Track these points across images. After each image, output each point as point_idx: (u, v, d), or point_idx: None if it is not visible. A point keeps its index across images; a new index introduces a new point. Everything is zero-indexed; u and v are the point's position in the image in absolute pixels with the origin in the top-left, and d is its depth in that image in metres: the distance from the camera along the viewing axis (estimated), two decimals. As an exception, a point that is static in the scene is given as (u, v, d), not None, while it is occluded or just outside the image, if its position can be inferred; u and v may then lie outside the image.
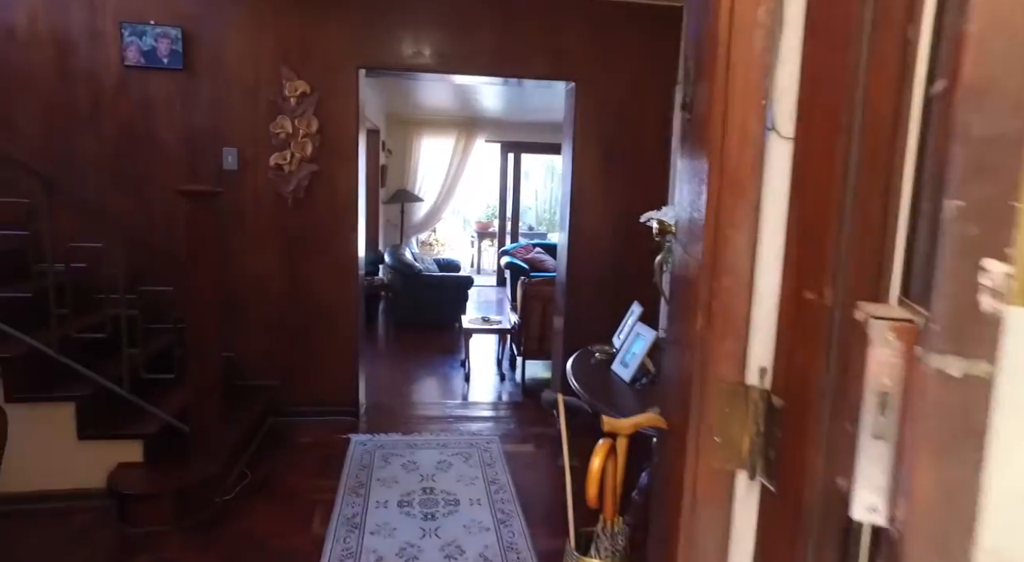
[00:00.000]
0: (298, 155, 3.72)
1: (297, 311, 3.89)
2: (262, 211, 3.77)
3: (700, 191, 0.80)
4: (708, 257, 0.74)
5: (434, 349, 6.26)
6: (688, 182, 1.12)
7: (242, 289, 3.82)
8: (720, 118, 0.71)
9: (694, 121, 1.03)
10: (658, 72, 3.95)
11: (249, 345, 3.88)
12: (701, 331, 0.76)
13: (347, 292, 3.92)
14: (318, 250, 3.84)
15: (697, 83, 1.01)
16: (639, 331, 2.62)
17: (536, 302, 5.07)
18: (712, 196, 0.72)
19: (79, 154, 3.59)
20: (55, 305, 2.81)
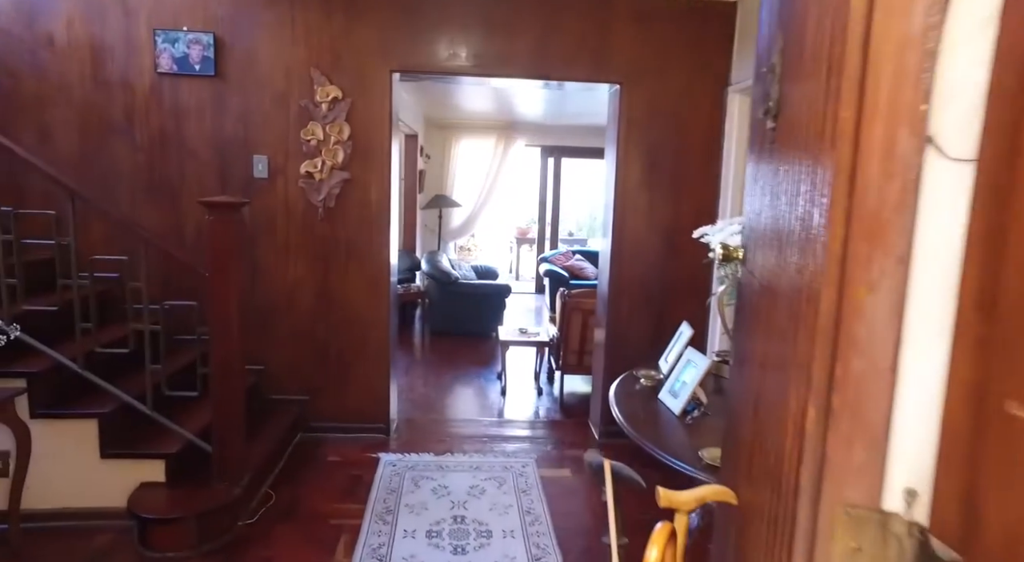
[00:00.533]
0: (329, 163, 3.59)
1: (327, 323, 3.76)
2: (292, 220, 3.65)
3: (807, 229, 0.58)
4: (826, 326, 0.52)
5: (470, 360, 6.08)
6: (772, 207, 0.89)
7: (271, 300, 3.71)
8: (849, 130, 0.49)
9: (788, 131, 0.80)
10: (708, 74, 3.69)
11: (279, 358, 3.77)
12: (812, 427, 0.53)
13: (379, 303, 3.77)
14: (349, 260, 3.71)
15: (792, 82, 0.78)
16: (690, 357, 2.37)
17: (576, 315, 4.84)
18: (834, 242, 0.51)
19: (112, 163, 3.54)
20: (80, 319, 2.72)
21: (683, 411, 2.25)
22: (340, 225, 3.68)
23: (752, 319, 1.04)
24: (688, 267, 3.84)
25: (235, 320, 2.74)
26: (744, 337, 1.12)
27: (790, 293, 0.68)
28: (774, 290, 0.81)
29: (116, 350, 2.78)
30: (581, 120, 8.43)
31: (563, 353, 4.95)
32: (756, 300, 1.01)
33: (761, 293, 0.97)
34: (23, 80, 3.47)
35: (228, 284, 2.71)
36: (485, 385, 5.33)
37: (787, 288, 0.70)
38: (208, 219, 2.67)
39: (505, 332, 5.40)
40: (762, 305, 0.94)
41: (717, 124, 3.72)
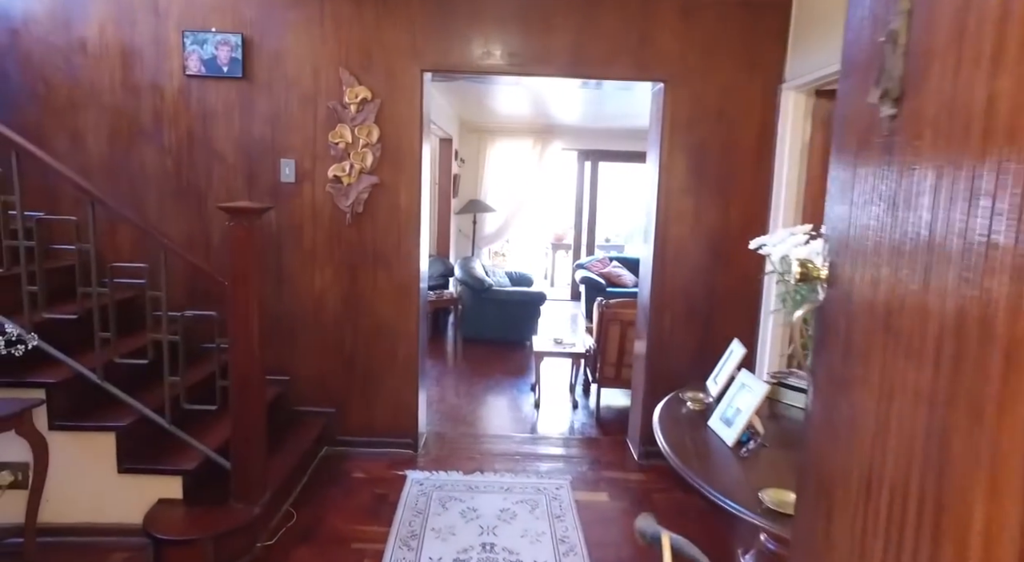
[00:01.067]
0: (357, 166, 3.46)
1: (355, 333, 3.63)
2: (319, 226, 3.53)
3: (973, 242, 0.39)
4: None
5: (503, 369, 5.90)
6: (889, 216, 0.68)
7: (297, 309, 3.60)
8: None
9: (922, 119, 0.59)
10: (759, 71, 3.44)
11: (305, 368, 3.65)
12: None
13: (408, 313, 3.62)
14: (378, 267, 3.57)
15: (932, 53, 0.57)
16: (744, 381, 2.14)
17: (614, 326, 4.61)
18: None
19: (141, 167, 3.48)
20: (99, 328, 2.64)
21: (737, 442, 2.02)
22: (368, 231, 3.54)
23: (853, 344, 0.83)
24: (736, 278, 3.58)
25: (256, 331, 2.62)
26: (839, 364, 0.91)
27: (939, 316, 0.49)
28: (898, 312, 0.61)
29: (135, 361, 2.68)
30: (619, 123, 8.19)
31: (600, 365, 4.73)
32: (859, 323, 0.80)
33: (871, 316, 0.76)
34: (56, 87, 3.43)
35: (248, 293, 2.59)
36: (518, 396, 5.14)
37: (934, 310, 0.51)
38: (228, 225, 2.55)
39: (540, 342, 5.21)
40: (874, 329, 0.74)
41: (769, 124, 3.46)
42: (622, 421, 4.53)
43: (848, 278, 0.92)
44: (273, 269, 3.55)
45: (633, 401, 4.07)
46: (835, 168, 1.00)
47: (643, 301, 3.88)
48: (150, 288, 2.65)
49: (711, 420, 2.19)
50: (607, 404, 4.95)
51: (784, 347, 3.44)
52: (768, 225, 3.50)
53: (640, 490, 3.39)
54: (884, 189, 0.69)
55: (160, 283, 2.66)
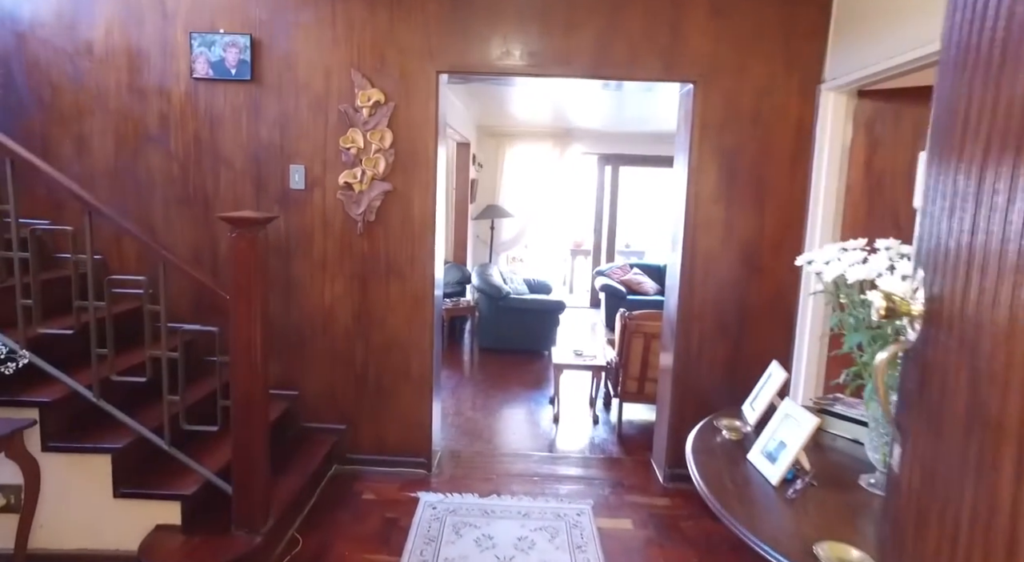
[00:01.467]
0: (369, 172, 3.30)
1: (366, 346, 3.46)
2: (330, 235, 3.38)
3: None
4: None
5: (521, 381, 5.71)
6: None
7: (307, 321, 3.44)
8: None
9: None
10: (796, 70, 3.22)
11: (314, 383, 3.50)
12: None
13: (422, 325, 3.44)
14: (390, 278, 3.40)
15: None
16: (789, 411, 1.92)
17: (637, 338, 4.40)
18: None
19: (147, 173, 3.36)
20: (96, 343, 2.50)
21: (782, 480, 1.81)
22: (380, 240, 3.38)
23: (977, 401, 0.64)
24: (769, 292, 3.36)
25: (259, 348, 2.46)
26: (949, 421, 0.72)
27: None
28: None
29: (132, 378, 2.54)
30: (641, 127, 7.98)
31: (622, 379, 4.52)
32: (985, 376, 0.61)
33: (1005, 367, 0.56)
34: (62, 91, 3.33)
35: (252, 308, 2.43)
36: (536, 410, 4.94)
37: None
38: (231, 236, 2.40)
39: (559, 353, 5.01)
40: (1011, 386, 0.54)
41: (806, 127, 3.23)
42: (645, 438, 4.32)
43: (961, 315, 0.72)
44: (282, 280, 3.41)
45: (658, 418, 3.85)
46: (937, 176, 0.80)
47: (670, 313, 3.66)
48: (150, 302, 2.50)
49: (751, 453, 1.98)
50: (629, 419, 4.74)
51: (821, 367, 3.21)
52: (804, 235, 3.28)
53: (666, 517, 3.18)
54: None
55: (161, 296, 2.51)
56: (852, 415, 2.13)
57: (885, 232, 2.71)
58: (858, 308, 1.67)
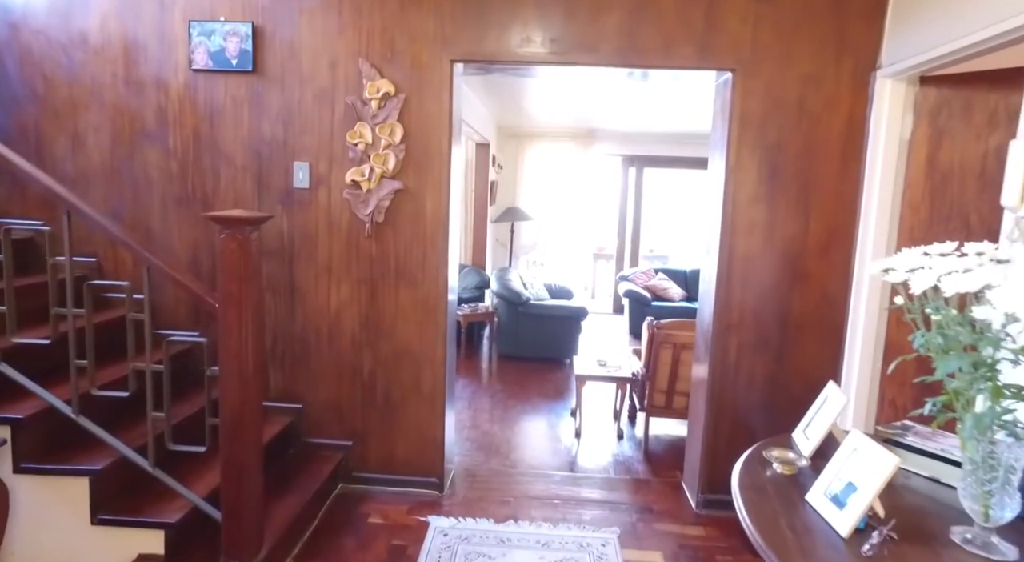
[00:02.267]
0: (378, 170, 3.05)
1: (374, 356, 3.21)
2: (336, 237, 3.13)
3: None
4: None
5: (541, 390, 5.42)
6: None
7: (311, 329, 3.20)
8: None
9: None
10: (847, 56, 2.90)
11: (319, 396, 3.25)
12: None
13: (434, 335, 3.18)
14: (400, 284, 3.14)
15: None
16: (859, 446, 1.61)
17: (666, 349, 4.09)
18: None
19: (144, 170, 3.15)
20: (75, 354, 2.28)
21: (853, 530, 1.50)
22: (390, 243, 3.12)
23: None
24: (815, 301, 3.03)
25: (250, 362, 2.21)
26: None
27: None
28: None
29: (114, 393, 2.31)
30: (667, 127, 7.66)
31: (649, 392, 4.21)
32: None
33: None
34: (56, 84, 3.13)
35: (242, 316, 2.18)
36: (557, 423, 4.65)
37: None
38: (219, 237, 2.16)
39: (581, 363, 4.71)
40: None
41: (858, 119, 2.91)
42: (674, 456, 4.00)
43: None
44: (285, 285, 3.17)
45: (690, 436, 3.54)
46: None
47: (703, 323, 3.35)
48: (134, 310, 2.27)
49: (811, 494, 1.67)
50: (656, 434, 4.43)
51: (875, 388, 2.87)
52: (856, 239, 2.95)
53: (701, 549, 2.86)
54: None
55: (145, 303, 2.28)
56: (932, 450, 1.81)
57: (951, 235, 2.39)
58: (953, 326, 1.36)
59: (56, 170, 3.16)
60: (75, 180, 3.16)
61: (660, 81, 3.54)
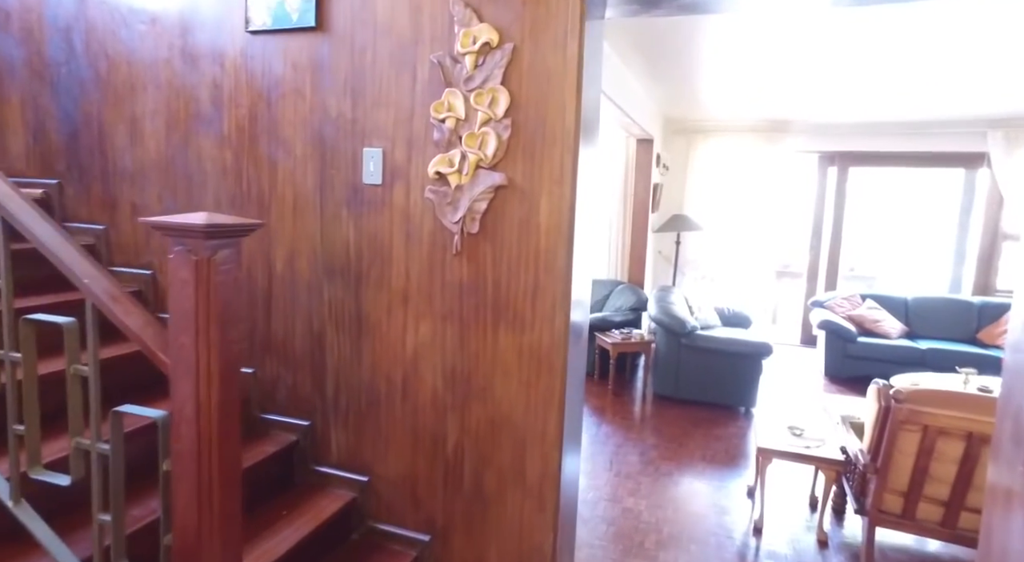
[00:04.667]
0: (472, 157, 2.05)
1: (462, 423, 2.21)
2: (414, 253, 2.19)
3: None
4: None
5: (706, 450, 4.10)
6: None
7: (382, 376, 2.29)
8: None
9: None
10: None
11: (390, 468, 2.33)
12: None
13: (547, 400, 2.10)
14: (500, 324, 2.11)
15: None
16: None
17: (909, 433, 2.62)
18: None
19: (198, 163, 2.47)
20: (14, 418, 1.55)
21: None
22: (487, 264, 2.11)
23: None
24: None
25: (215, 459, 1.31)
26: None
27: None
28: None
29: (52, 479, 1.54)
30: (887, 114, 5.81)
31: (876, 490, 2.75)
32: None
33: None
34: (118, 63, 2.57)
35: (200, 390, 1.29)
36: (727, 505, 3.34)
37: None
38: (168, 258, 1.28)
39: (766, 428, 3.34)
40: None
41: None
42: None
43: None
44: (351, 315, 2.30)
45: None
46: None
47: (1012, 398, 1.88)
48: (72, 360, 1.48)
49: None
50: (883, 543, 2.95)
51: None
52: None
53: None
54: None
55: (90, 355, 1.49)
56: None
57: None
58: None
59: (116, 165, 2.60)
60: (131, 176, 2.58)
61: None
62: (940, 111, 5.74)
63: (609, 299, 6.14)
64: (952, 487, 2.60)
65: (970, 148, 6.29)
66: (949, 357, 5.37)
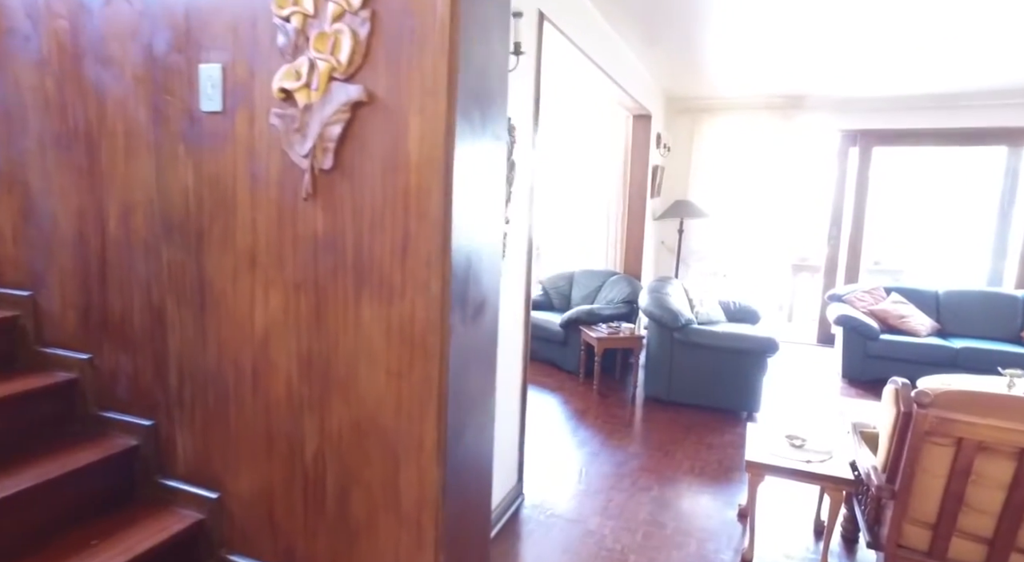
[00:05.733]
0: (323, 65, 1.49)
1: (321, 424, 1.65)
2: (261, 199, 1.64)
3: None
4: None
5: (696, 461, 3.47)
6: None
7: (230, 362, 1.74)
8: None
9: None
10: None
11: (243, 483, 1.78)
12: None
13: (424, 397, 1.52)
14: (363, 292, 1.55)
15: None
16: None
17: (939, 446, 1.97)
18: None
19: (15, 93, 1.95)
20: None
21: None
22: (346, 210, 1.54)
23: None
24: None
25: None
26: None
27: None
28: None
29: None
30: (917, 86, 5.06)
31: (894, 519, 2.10)
32: None
33: None
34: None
35: None
36: (716, 528, 2.72)
37: None
38: None
39: (758, 438, 2.70)
40: None
41: None
42: None
43: None
44: (192, 283, 1.76)
45: None
46: None
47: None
48: None
49: None
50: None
51: None
52: None
53: None
54: None
55: None
56: None
57: None
58: None
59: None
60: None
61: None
62: (979, 80, 4.98)
63: (601, 290, 5.52)
64: (998, 520, 1.95)
65: (1015, 122, 5.50)
66: (988, 358, 4.61)
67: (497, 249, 1.70)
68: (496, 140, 1.62)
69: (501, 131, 1.64)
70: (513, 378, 2.89)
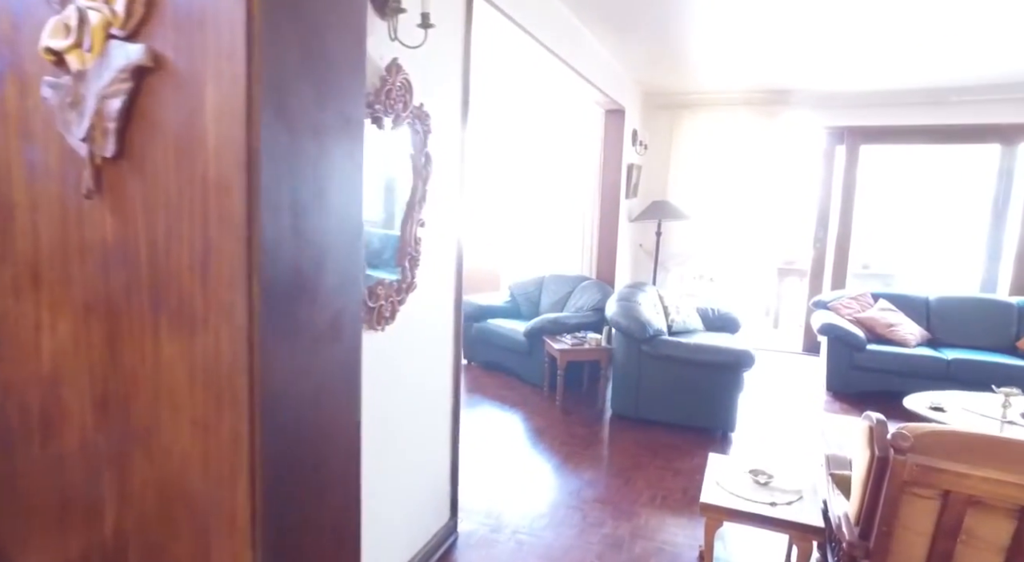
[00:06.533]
0: (97, 17, 1.11)
1: (120, 487, 1.27)
2: (42, 198, 1.27)
3: None
4: None
5: (658, 487, 3.11)
6: None
7: (15, 402, 1.36)
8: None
9: None
10: None
11: (32, 555, 1.40)
12: None
13: (232, 457, 1.15)
14: (162, 318, 1.17)
15: None
16: None
17: (921, 500, 1.59)
18: None
19: None
20: None
21: None
22: (137, 210, 1.17)
23: None
24: None
25: None
26: None
27: None
28: None
29: None
30: (908, 80, 4.70)
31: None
32: None
33: None
34: None
35: None
36: (663, 589, 2.34)
37: None
38: None
39: (719, 473, 2.33)
40: None
41: None
42: None
43: None
44: (-25, 304, 1.38)
45: None
46: None
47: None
48: None
49: None
50: None
51: None
52: None
53: None
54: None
55: None
56: None
57: None
58: None
59: None
60: None
61: None
62: (972, 74, 4.62)
63: (571, 297, 5.15)
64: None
65: (1009, 119, 5.14)
66: (982, 370, 4.25)
67: (355, 252, 1.32)
68: (345, 121, 1.25)
69: (353, 110, 1.27)
70: (441, 403, 2.52)
